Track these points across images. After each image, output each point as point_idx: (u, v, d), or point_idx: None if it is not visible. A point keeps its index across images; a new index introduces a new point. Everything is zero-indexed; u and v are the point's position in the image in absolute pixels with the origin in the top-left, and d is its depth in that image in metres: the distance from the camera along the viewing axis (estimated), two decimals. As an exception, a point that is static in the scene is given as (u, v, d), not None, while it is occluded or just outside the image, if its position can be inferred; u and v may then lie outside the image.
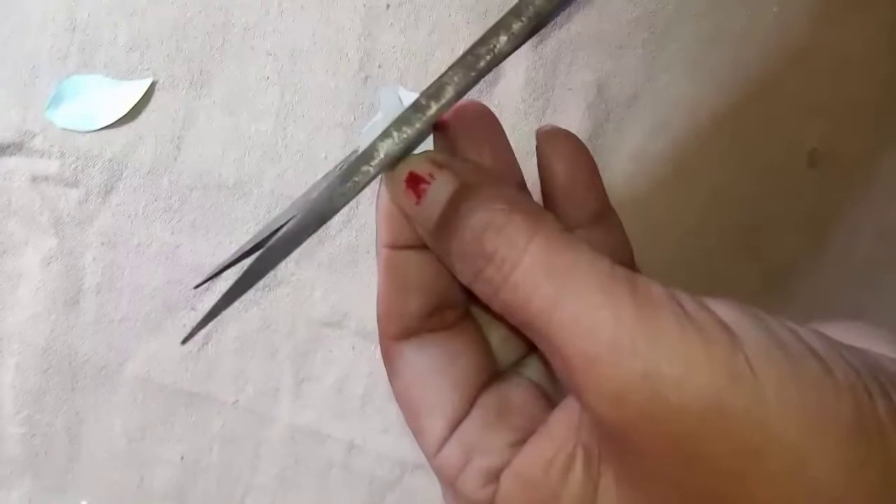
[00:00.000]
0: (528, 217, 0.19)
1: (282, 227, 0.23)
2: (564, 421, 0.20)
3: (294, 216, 0.22)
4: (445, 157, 0.21)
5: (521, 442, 0.21)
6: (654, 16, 0.41)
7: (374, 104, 0.43)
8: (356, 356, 0.44)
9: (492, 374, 0.23)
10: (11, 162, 0.43)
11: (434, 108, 0.21)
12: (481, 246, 0.19)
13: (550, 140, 0.24)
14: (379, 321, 0.23)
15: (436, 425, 0.22)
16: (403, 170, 0.21)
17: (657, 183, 0.42)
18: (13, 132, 0.43)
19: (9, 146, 0.43)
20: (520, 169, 0.24)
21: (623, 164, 0.42)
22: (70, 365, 0.44)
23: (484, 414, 0.22)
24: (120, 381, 0.45)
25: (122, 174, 0.43)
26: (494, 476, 0.21)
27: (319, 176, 0.43)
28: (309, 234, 0.22)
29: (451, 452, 0.21)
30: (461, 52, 0.20)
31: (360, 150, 0.21)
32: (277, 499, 0.44)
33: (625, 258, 0.25)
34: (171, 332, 0.44)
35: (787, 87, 0.42)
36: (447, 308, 0.23)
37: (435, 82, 0.21)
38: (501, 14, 0.20)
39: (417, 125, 0.21)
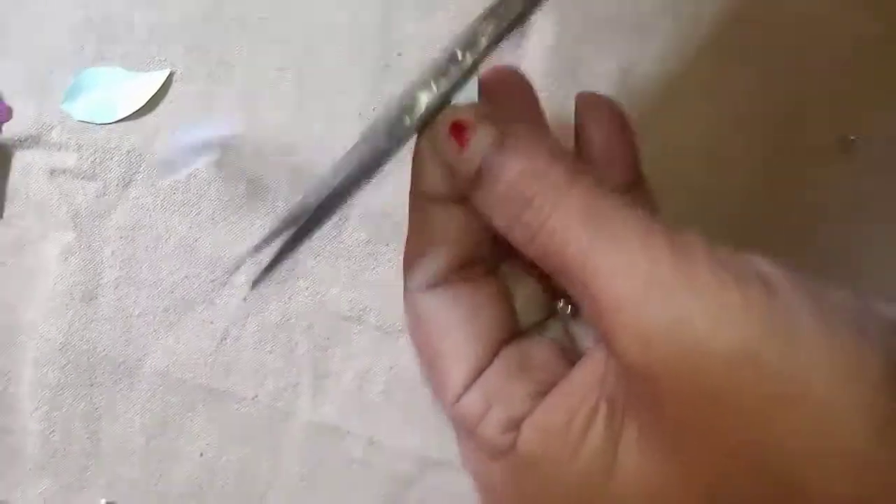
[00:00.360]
0: (568, 166, 0.20)
1: (318, 200, 0.23)
2: (588, 373, 0.20)
3: (329, 185, 0.23)
4: (489, 109, 0.21)
5: (541, 394, 0.21)
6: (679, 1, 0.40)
7: (395, 93, 0.42)
8: (376, 351, 0.43)
9: (514, 331, 0.24)
10: (28, 155, 0.43)
11: (469, 58, 0.21)
12: (521, 190, 0.20)
13: (589, 106, 0.24)
14: (404, 270, 0.23)
15: (458, 373, 0.22)
16: (448, 117, 0.21)
17: (686, 173, 0.41)
18: (30, 125, 0.42)
19: (26, 139, 0.43)
20: (553, 134, 0.24)
21: (651, 152, 0.41)
22: (88, 360, 0.44)
23: (506, 365, 0.22)
24: (139, 377, 0.44)
25: (140, 167, 0.42)
26: (515, 424, 0.21)
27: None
28: (352, 194, 0.23)
29: (473, 400, 0.22)
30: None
31: (399, 101, 0.21)
32: (297, 495, 0.44)
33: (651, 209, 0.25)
34: (191, 327, 0.43)
35: (818, 71, 0.41)
36: (474, 263, 0.23)
37: (466, 31, 0.21)
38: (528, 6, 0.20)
39: (454, 75, 0.21)
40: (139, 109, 0.42)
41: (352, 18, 0.41)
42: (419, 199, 0.23)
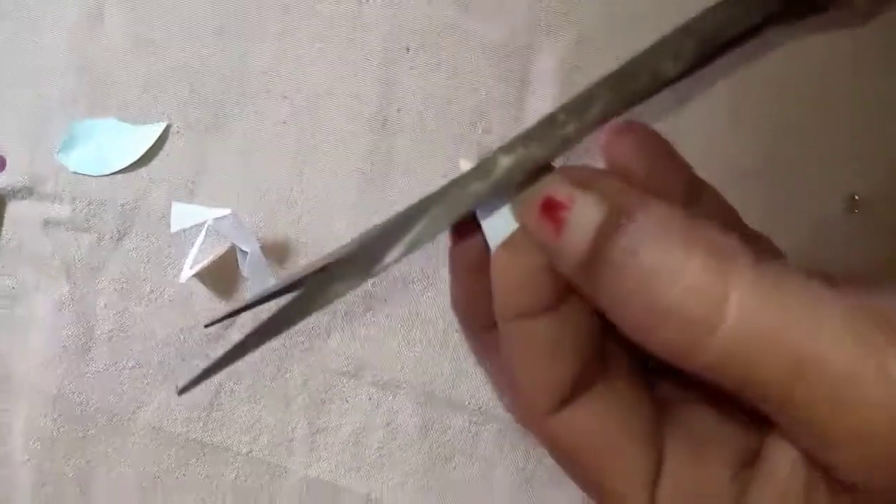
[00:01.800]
0: (714, 252, 0.15)
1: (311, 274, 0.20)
2: (786, 449, 0.17)
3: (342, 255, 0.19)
4: (588, 173, 0.17)
5: (738, 474, 0.18)
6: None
7: (394, 149, 0.41)
8: (373, 407, 0.43)
9: (658, 409, 0.20)
10: (23, 206, 0.42)
11: (572, 126, 0.17)
12: (655, 298, 0.15)
13: (615, 138, 0.20)
14: (525, 398, 0.19)
15: (636, 489, 0.18)
16: (537, 193, 0.17)
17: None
18: (24, 176, 0.42)
19: (20, 190, 0.42)
20: (690, 170, 0.20)
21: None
22: (81, 412, 0.43)
23: (679, 459, 0.19)
24: (132, 430, 0.43)
25: (134, 219, 0.42)
26: None
27: (335, 220, 0.42)
28: (376, 270, 0.18)
29: None
30: (610, 72, 0.17)
31: (469, 167, 0.17)
32: (291, 559, 0.43)
33: (737, 223, 0.21)
34: (185, 380, 0.43)
35: (826, 132, 0.40)
36: (600, 361, 0.19)
37: (579, 95, 0.17)
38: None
39: (550, 144, 0.17)
40: (135, 162, 0.41)
41: (352, 73, 0.41)
42: (509, 321, 0.19)
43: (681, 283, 0.15)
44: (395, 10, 0.40)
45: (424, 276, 0.41)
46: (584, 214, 0.16)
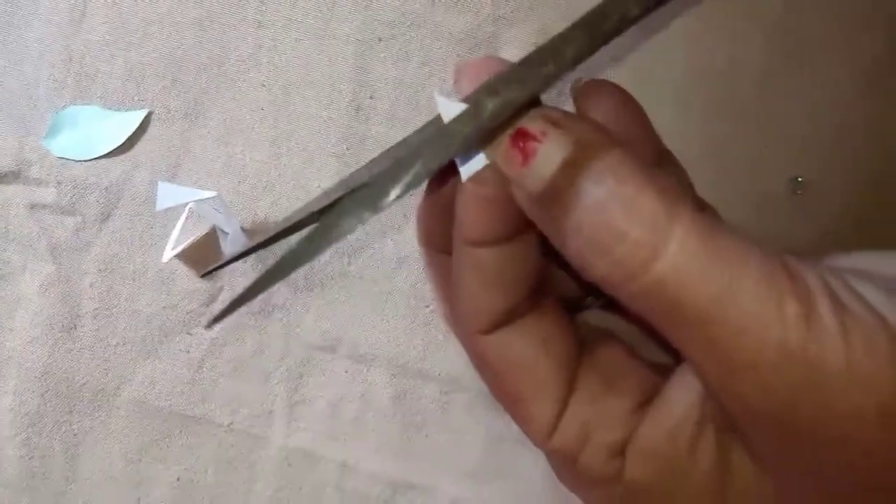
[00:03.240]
0: (664, 191, 0.17)
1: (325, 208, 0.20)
2: (684, 394, 0.19)
3: (345, 192, 0.19)
4: (561, 114, 0.18)
5: (639, 408, 0.20)
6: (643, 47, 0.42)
7: (368, 135, 0.43)
8: (349, 379, 0.45)
9: (579, 342, 0.22)
10: (9, 190, 0.44)
11: (551, 66, 0.17)
12: (608, 222, 0.17)
13: (590, 95, 0.21)
14: (462, 317, 0.21)
15: (545, 409, 0.20)
16: (508, 129, 0.18)
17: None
18: (11, 161, 0.43)
19: (6, 174, 0.44)
20: (659, 140, 0.22)
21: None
22: (67, 388, 0.45)
23: (589, 387, 0.21)
24: (117, 404, 0.45)
25: (118, 202, 0.44)
26: (619, 449, 0.20)
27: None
28: (373, 210, 0.19)
29: (567, 433, 0.20)
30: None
31: (453, 112, 0.18)
32: (272, 522, 0.45)
33: (693, 195, 0.23)
34: (167, 357, 0.45)
35: (770, 115, 0.43)
36: (536, 293, 0.21)
37: (552, 39, 0.18)
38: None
39: (532, 84, 0.17)
40: (118, 147, 0.43)
41: (327, 62, 0.43)
42: (464, 244, 0.20)
43: (631, 213, 0.16)
44: (368, 3, 0.43)
45: (397, 255, 0.44)
46: (553, 147, 0.17)
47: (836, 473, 0.17)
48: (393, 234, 0.44)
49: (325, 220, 0.20)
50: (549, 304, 0.22)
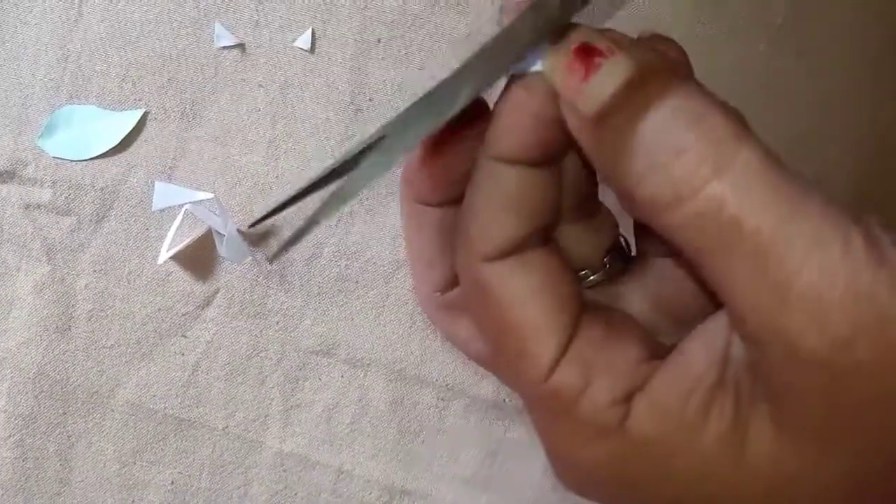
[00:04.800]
0: (733, 114, 0.16)
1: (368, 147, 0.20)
2: (704, 350, 0.18)
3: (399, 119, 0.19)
4: (625, 37, 0.18)
5: (645, 360, 0.19)
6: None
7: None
8: (345, 384, 0.45)
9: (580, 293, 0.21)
10: (4, 190, 0.43)
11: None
12: (670, 135, 0.16)
13: (657, 45, 0.20)
14: (469, 241, 0.20)
15: (546, 346, 0.19)
16: (574, 38, 0.17)
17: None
18: (6, 160, 0.43)
19: (1, 174, 0.43)
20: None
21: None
22: (62, 390, 0.45)
23: (592, 333, 0.20)
24: (111, 406, 0.45)
25: (113, 203, 0.43)
26: (624, 397, 0.19)
27: (310, 205, 0.43)
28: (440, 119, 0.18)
29: (569, 373, 0.19)
30: None
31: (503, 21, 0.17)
32: (266, 528, 0.45)
33: None
34: (163, 359, 0.44)
35: (771, 123, 0.42)
36: (547, 230, 0.20)
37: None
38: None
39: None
40: (114, 147, 0.42)
41: (325, 64, 0.42)
42: (491, 160, 0.19)
43: (698, 126, 0.16)
44: (367, 3, 0.42)
45: (394, 259, 0.43)
46: (618, 64, 0.17)
47: (880, 434, 0.16)
48: (390, 238, 0.43)
49: (389, 133, 0.19)
50: (555, 246, 0.21)
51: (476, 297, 0.21)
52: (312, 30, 0.42)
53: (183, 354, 0.44)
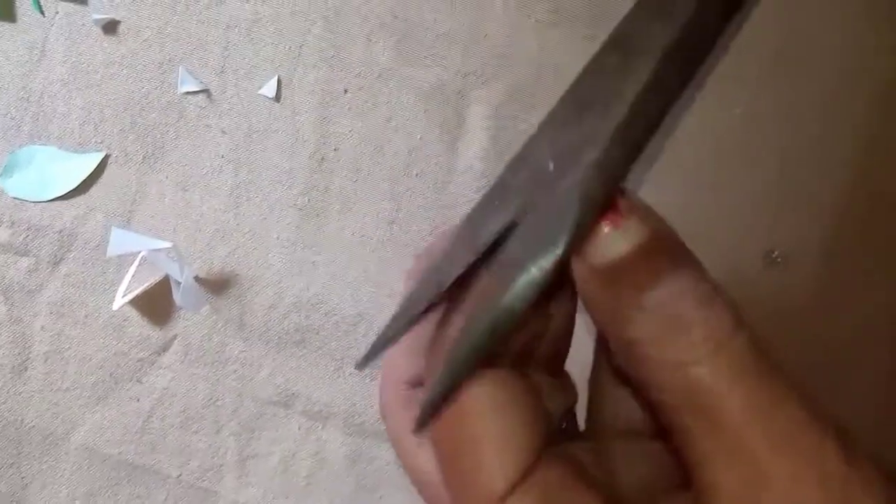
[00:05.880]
0: (733, 304, 0.17)
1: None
2: None
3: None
4: (641, 203, 0.18)
5: None
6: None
7: (330, 187, 0.42)
8: (302, 436, 0.44)
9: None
10: (-38, 228, 0.43)
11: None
12: (682, 310, 0.17)
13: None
14: (470, 490, 0.19)
15: (503, 465, 0.18)
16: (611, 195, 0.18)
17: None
18: (-35, 199, 0.42)
19: (-40, 212, 0.43)
20: None
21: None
22: (16, 431, 0.44)
23: (557, 469, 0.19)
24: (66, 450, 0.44)
25: (71, 245, 0.42)
26: None
27: (271, 254, 0.43)
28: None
29: (525, 500, 0.18)
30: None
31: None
32: (209, 588, 0.44)
33: None
34: (118, 404, 0.44)
35: (746, 186, 0.41)
36: (522, 355, 0.20)
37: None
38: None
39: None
40: (73, 190, 0.42)
41: (290, 112, 0.41)
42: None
43: (705, 309, 0.17)
44: (335, 52, 0.41)
45: (355, 312, 0.42)
46: (635, 226, 0.17)
47: None
48: (351, 291, 0.42)
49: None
50: (525, 376, 0.20)
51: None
52: (278, 78, 0.41)
53: (138, 400, 0.44)
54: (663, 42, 0.17)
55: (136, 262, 0.41)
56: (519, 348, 0.20)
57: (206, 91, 0.41)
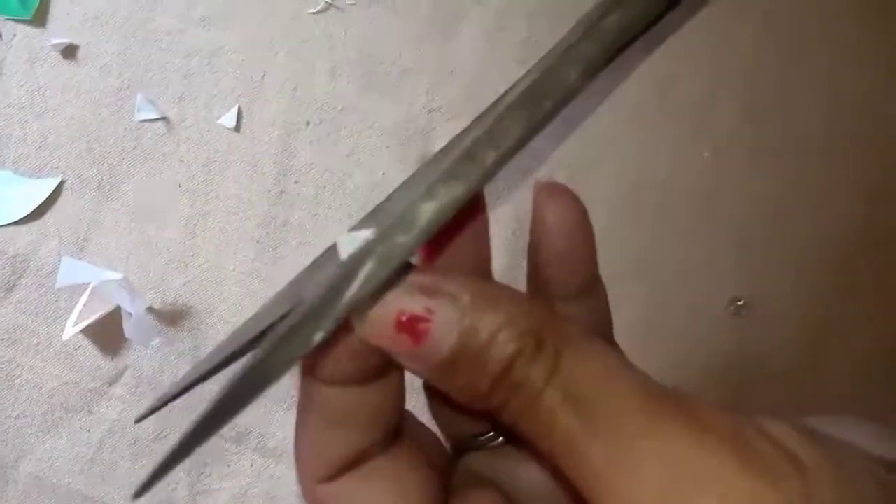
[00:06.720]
0: (555, 334, 0.16)
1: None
2: None
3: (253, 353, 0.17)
4: (435, 279, 0.17)
5: None
6: (579, 155, 0.39)
7: (289, 220, 0.41)
8: (255, 473, 0.43)
9: (445, 483, 0.20)
10: (-85, 250, 0.42)
11: (491, 158, 0.15)
12: (508, 378, 0.16)
13: (552, 198, 0.19)
14: (301, 463, 0.18)
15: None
16: (388, 310, 0.16)
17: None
18: (-82, 221, 0.42)
19: (-87, 234, 0.42)
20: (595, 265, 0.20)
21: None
22: (-36, 457, 0.43)
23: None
24: (15, 478, 0.43)
25: (24, 272, 0.42)
26: None
27: (227, 287, 0.42)
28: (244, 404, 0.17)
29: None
30: (503, 92, 0.15)
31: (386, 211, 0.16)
32: None
33: (607, 330, 0.21)
34: (67, 434, 0.43)
35: (713, 233, 0.40)
36: (390, 435, 0.19)
37: (492, 123, 0.15)
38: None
39: (471, 179, 0.15)
40: (27, 215, 0.41)
41: (250, 143, 0.40)
42: (314, 383, 0.18)
43: (526, 368, 0.16)
44: (297, 84, 0.40)
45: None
46: (446, 323, 0.16)
47: None
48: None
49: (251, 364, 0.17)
50: (404, 444, 0.19)
51: None
52: (239, 107, 0.40)
53: (89, 430, 0.43)
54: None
55: (87, 293, 0.40)
56: (377, 430, 0.18)
57: (164, 119, 0.41)
